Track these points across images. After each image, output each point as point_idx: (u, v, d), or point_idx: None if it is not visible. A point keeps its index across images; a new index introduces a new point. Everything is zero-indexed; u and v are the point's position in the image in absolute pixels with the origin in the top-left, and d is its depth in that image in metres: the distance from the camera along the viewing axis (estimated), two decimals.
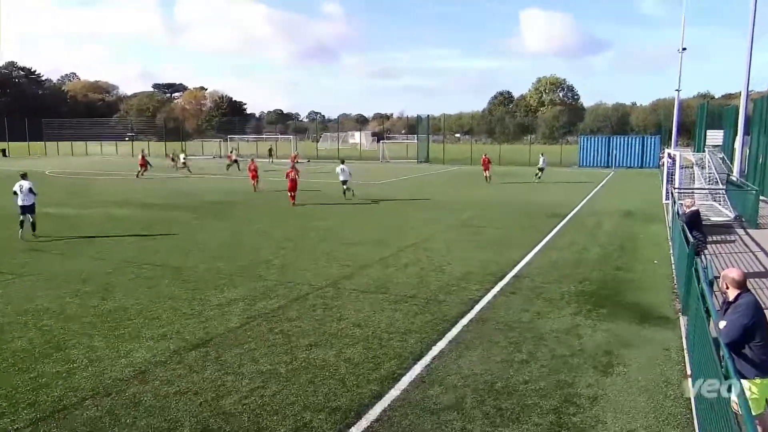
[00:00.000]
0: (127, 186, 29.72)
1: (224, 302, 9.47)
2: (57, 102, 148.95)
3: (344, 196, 24.11)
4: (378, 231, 16.15)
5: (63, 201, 22.68)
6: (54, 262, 12.33)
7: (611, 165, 45.57)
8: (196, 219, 18.37)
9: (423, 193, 26.54)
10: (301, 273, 11.40)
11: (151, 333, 8.09)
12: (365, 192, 26.64)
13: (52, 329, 8.19)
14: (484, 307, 9.31)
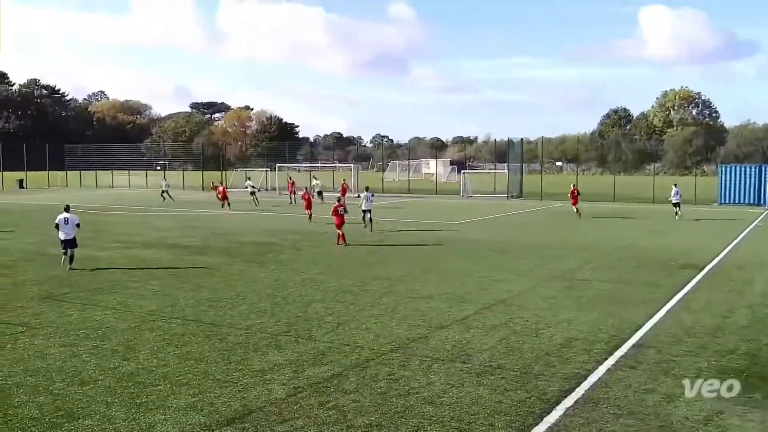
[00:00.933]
0: (156, 223, 31.03)
1: (266, 367, 9.59)
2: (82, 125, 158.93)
3: (364, 223, 27.03)
4: (456, 283, 16.04)
5: (83, 241, 23.83)
6: (70, 312, 12.93)
7: (763, 202, 43.53)
8: (235, 264, 18.87)
9: (514, 236, 26.24)
10: (360, 334, 11.43)
11: (178, 402, 8.28)
12: (439, 235, 26.62)
13: (65, 393, 8.53)
14: (594, 385, 8.97)
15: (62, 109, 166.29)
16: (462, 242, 23.97)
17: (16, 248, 21.94)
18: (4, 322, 12.19)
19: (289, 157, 76.03)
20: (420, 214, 36.82)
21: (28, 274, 17.20)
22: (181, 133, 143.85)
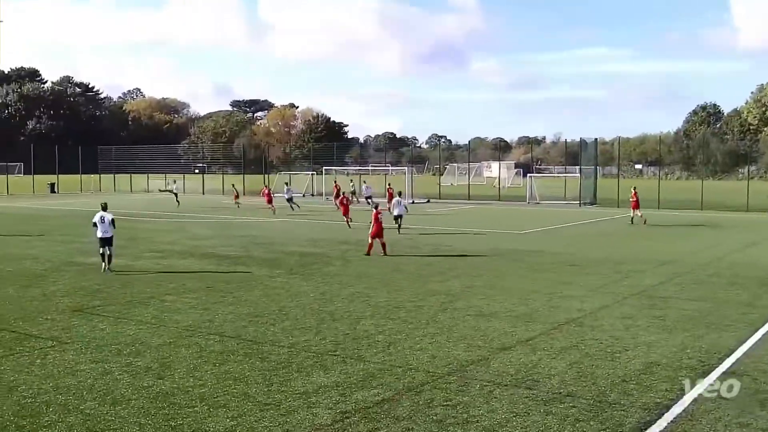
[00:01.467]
0: (193, 231, 31.64)
1: (311, 390, 9.65)
2: (116, 125, 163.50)
3: (398, 232, 29.37)
4: (522, 299, 15.89)
5: (116, 251, 24.52)
6: (102, 326, 13.27)
7: None
8: (278, 276, 19.09)
9: (587, 248, 25.86)
10: (414, 354, 11.41)
11: (215, 426, 8.40)
12: (502, 246, 26.42)
13: (97, 414, 8.75)
14: (678, 417, 8.75)
15: (96, 108, 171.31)
16: (528, 254, 23.74)
17: (46, 257, 22.66)
18: (33, 335, 12.60)
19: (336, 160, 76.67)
20: (481, 223, 36.62)
21: (58, 284, 17.75)
22: (221, 134, 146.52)
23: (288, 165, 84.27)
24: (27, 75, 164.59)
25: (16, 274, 19.20)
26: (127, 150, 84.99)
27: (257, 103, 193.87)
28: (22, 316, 14.11)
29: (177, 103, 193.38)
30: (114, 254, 20.04)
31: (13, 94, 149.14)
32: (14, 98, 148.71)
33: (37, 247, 25.09)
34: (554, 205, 52.12)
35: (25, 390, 9.52)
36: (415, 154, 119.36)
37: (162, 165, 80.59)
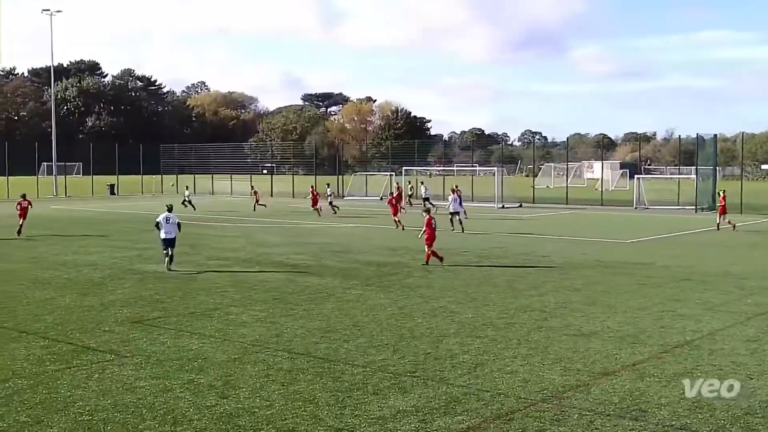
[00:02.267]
0: (260, 237, 32.24)
1: (388, 414, 9.68)
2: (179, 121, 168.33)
3: (452, 227, 33.06)
4: (627, 318, 15.56)
5: (179, 258, 25.20)
6: (163, 339, 13.66)
7: None
8: (352, 288, 19.24)
9: (704, 260, 25.13)
10: (503, 378, 11.31)
11: None
12: (605, 256, 25.93)
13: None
14: None
15: (158, 103, 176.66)
16: (635, 266, 23.23)
17: (104, 263, 23.48)
18: (91, 348, 13.07)
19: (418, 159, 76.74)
20: (581, 230, 36.06)
21: (117, 293, 18.36)
22: (291, 131, 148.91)
23: (364, 165, 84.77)
24: (87, 68, 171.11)
25: (74, 282, 19.97)
26: (190, 149, 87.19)
27: (331, 97, 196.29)
28: (79, 327, 14.66)
29: (244, 97, 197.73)
30: (175, 256, 22.16)
31: (72, 88, 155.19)
32: (73, 93, 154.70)
33: (96, 253, 26.02)
34: (666, 210, 50.86)
35: (82, 406, 9.87)
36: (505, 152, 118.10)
37: (228, 165, 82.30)
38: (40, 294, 18.24)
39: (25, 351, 12.75)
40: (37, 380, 11.08)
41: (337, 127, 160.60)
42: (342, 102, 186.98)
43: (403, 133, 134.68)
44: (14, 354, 12.57)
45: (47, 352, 12.75)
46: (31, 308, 16.47)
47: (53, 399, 10.18)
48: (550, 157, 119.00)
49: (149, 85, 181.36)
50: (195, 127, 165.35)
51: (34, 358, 12.35)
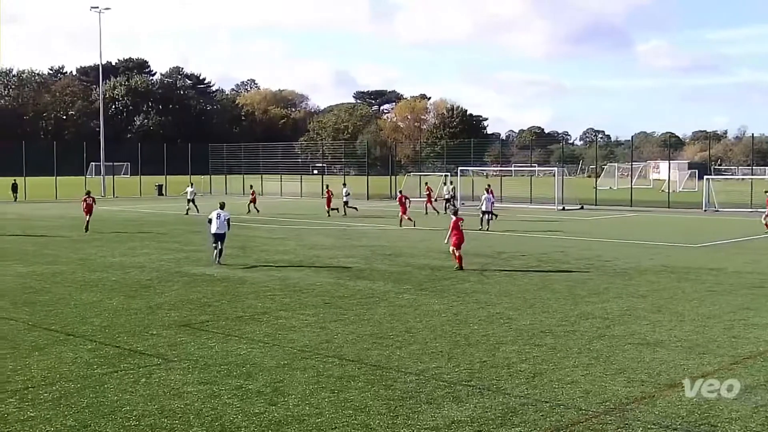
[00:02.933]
0: (310, 239, 32.44)
1: (442, 424, 9.65)
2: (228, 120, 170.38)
3: (481, 226, 35.38)
4: (695, 326, 15.29)
5: (227, 260, 25.50)
6: (211, 344, 13.81)
7: None
8: (405, 293, 19.24)
9: None
10: (563, 388, 11.20)
11: None
12: (672, 261, 25.52)
13: None
14: None
15: (207, 101, 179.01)
16: (704, 272, 22.81)
17: (152, 265, 23.87)
18: (138, 352, 13.29)
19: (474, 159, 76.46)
20: (646, 234, 35.56)
21: (164, 296, 18.64)
22: (343, 130, 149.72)
23: (418, 165, 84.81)
24: (135, 66, 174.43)
25: (122, 284, 20.33)
26: (239, 148, 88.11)
27: (383, 95, 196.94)
28: (127, 330, 14.91)
29: (294, 95, 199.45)
30: (224, 250, 24.21)
31: (121, 87, 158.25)
32: (122, 92, 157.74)
33: (143, 255, 26.47)
34: (738, 213, 49.88)
35: (129, 411, 10.04)
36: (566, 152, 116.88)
37: (278, 165, 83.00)
38: (88, 296, 18.61)
39: (72, 354, 13.02)
40: (84, 384, 11.30)
41: (390, 125, 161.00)
42: (395, 100, 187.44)
43: (458, 131, 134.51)
44: (62, 357, 12.84)
45: (94, 355, 13.00)
46: (78, 310, 16.81)
47: (100, 403, 10.37)
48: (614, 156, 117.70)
49: (198, 83, 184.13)
50: (244, 126, 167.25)
51: (81, 361, 12.60)
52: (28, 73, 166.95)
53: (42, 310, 16.83)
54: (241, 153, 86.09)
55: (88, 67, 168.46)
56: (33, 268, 23.17)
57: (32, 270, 22.87)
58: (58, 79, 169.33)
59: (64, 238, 32.62)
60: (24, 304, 17.52)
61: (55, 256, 26.17)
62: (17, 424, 9.56)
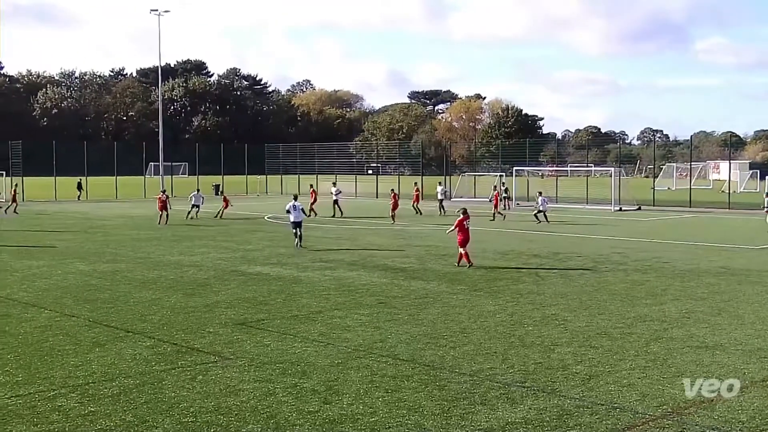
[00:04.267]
0: (364, 239, 32.54)
1: (496, 426, 9.62)
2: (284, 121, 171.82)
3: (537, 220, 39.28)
4: (757, 330, 14.98)
5: (282, 259, 25.76)
6: (267, 342, 13.96)
7: None
8: (459, 293, 19.19)
9: None
10: (619, 391, 11.07)
11: None
12: (734, 263, 25.01)
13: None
14: None
15: (263, 102, 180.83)
16: (765, 274, 22.32)
17: (209, 264, 24.19)
18: (195, 349, 13.48)
19: (529, 159, 75.92)
20: (705, 235, 34.93)
21: (221, 294, 18.88)
22: (398, 130, 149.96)
23: (473, 165, 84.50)
24: (193, 68, 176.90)
25: (179, 283, 20.65)
26: (295, 148, 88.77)
27: (438, 95, 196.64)
28: (184, 327, 15.15)
29: (349, 95, 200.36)
30: (303, 236, 28.63)
31: (179, 88, 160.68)
32: (180, 93, 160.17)
33: (200, 254, 26.83)
34: None
35: (186, 408, 10.20)
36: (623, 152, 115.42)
37: (333, 165, 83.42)
38: (146, 294, 18.94)
39: (131, 351, 13.27)
40: (142, 380, 11.51)
41: (445, 125, 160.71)
42: (450, 100, 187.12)
43: (513, 131, 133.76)
44: (121, 353, 13.09)
45: (153, 352, 13.23)
46: (137, 308, 17.12)
47: (158, 399, 10.55)
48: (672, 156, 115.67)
49: (254, 84, 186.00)
50: (300, 127, 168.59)
51: (140, 357, 12.84)
52: (90, 75, 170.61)
53: (102, 307, 17.18)
54: (296, 153, 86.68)
55: (147, 69, 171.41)
56: (94, 266, 23.67)
57: (93, 268, 23.36)
58: (119, 81, 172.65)
59: (125, 237, 33.24)
60: (85, 302, 17.91)
61: (115, 255, 26.68)
62: (78, 418, 9.78)
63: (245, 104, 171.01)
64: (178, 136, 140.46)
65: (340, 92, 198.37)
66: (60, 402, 10.44)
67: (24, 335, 14.47)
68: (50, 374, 11.81)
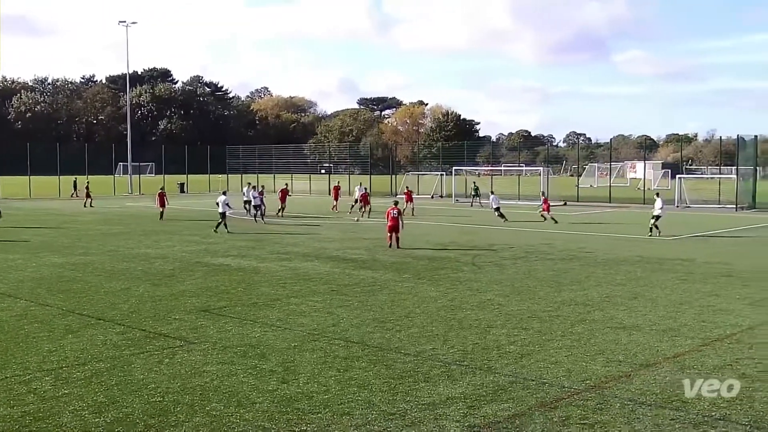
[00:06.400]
0: (318, 233, 32.43)
1: (437, 401, 9.68)
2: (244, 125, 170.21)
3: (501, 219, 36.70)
4: (668, 312, 15.30)
5: (243, 251, 25.54)
6: (228, 328, 13.84)
7: None
8: (405, 281, 19.26)
9: (744, 257, 24.55)
10: (548, 367, 11.22)
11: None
12: (648, 253, 25.49)
13: (222, 415, 9.15)
14: None
15: (224, 107, 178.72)
16: (676, 262, 22.81)
17: (175, 256, 23.88)
18: (162, 335, 13.32)
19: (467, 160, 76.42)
20: (624, 228, 35.51)
21: (186, 284, 18.66)
22: (348, 133, 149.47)
23: (416, 165, 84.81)
24: (159, 75, 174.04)
25: (147, 274, 20.35)
26: (254, 150, 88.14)
27: (385, 101, 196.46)
28: (152, 315, 14.95)
29: (304, 101, 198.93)
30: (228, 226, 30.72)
31: (146, 94, 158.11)
32: (147, 98, 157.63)
33: (167, 247, 26.47)
34: (706, 209, 49.85)
35: (154, 388, 10.08)
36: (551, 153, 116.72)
37: (288, 165, 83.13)
38: (116, 284, 18.63)
39: (102, 337, 13.06)
40: (113, 364, 11.35)
41: (391, 129, 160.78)
42: (395, 106, 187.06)
43: (453, 134, 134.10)
44: (93, 339, 12.88)
45: (122, 338, 13.04)
46: (108, 297, 16.84)
47: (128, 381, 10.42)
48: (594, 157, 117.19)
49: (216, 90, 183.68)
50: (258, 130, 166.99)
51: (110, 343, 12.64)
52: (62, 82, 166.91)
53: (75, 297, 16.86)
54: (255, 154, 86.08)
55: (116, 76, 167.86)
56: (67, 259, 23.20)
57: (66, 260, 22.89)
58: (89, 87, 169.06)
59: (96, 231, 32.62)
60: (59, 292, 17.56)
61: (87, 248, 26.17)
62: (53, 400, 9.61)
63: (208, 109, 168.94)
64: (146, 138, 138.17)
65: (295, 98, 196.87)
66: (35, 385, 10.25)
67: (0, 323, 14.15)
68: (25, 359, 11.58)
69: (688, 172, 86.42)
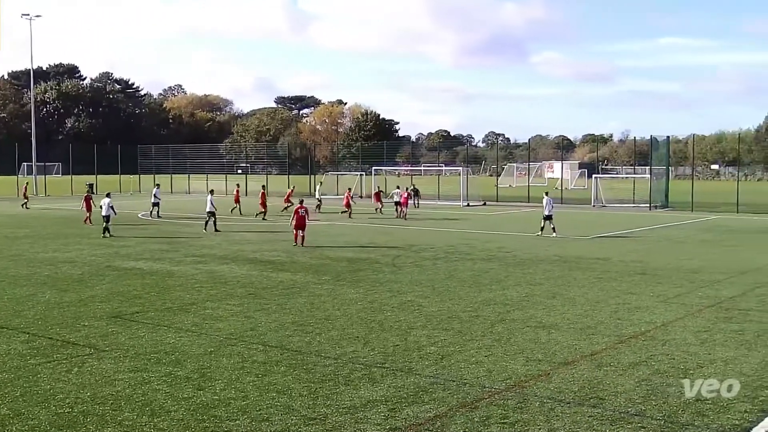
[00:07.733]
0: (234, 235, 32.04)
1: (358, 404, 9.69)
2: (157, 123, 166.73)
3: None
4: (586, 310, 15.71)
5: (156, 255, 25.02)
6: (141, 334, 13.53)
7: None
8: (324, 284, 19.21)
9: (657, 256, 25.40)
10: (468, 368, 11.37)
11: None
12: (565, 252, 26.12)
13: (135, 425, 8.93)
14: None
15: (136, 105, 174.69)
16: (593, 261, 23.44)
17: (83, 260, 23.21)
18: (71, 342, 12.92)
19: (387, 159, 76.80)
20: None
21: (95, 289, 18.16)
22: (265, 132, 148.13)
23: (335, 165, 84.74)
24: (66, 71, 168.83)
25: (54, 279, 19.71)
26: (167, 149, 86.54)
27: (303, 100, 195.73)
28: (59, 322, 14.48)
29: (219, 100, 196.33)
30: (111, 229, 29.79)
31: (51, 91, 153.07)
32: (53, 95, 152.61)
33: (75, 251, 25.71)
34: (622, 208, 51.44)
35: (62, 399, 9.77)
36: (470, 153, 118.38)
37: (204, 165, 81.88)
38: (21, 291, 17.98)
39: (6, 346, 12.58)
40: (17, 374, 10.95)
41: (309, 128, 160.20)
42: (314, 105, 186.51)
43: (372, 134, 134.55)
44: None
45: (28, 346, 12.59)
46: (11, 304, 16.23)
47: (34, 392, 10.07)
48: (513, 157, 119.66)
49: (127, 87, 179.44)
50: (172, 129, 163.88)
51: (15, 352, 12.19)
52: None
53: None
54: (169, 154, 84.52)
55: (19, 72, 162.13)
56: None
57: None
58: None
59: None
60: None
61: None
62: None
63: (118, 107, 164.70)
64: (51, 137, 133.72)
65: (210, 96, 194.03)
66: None
67: None
68: None
69: (604, 171, 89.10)
